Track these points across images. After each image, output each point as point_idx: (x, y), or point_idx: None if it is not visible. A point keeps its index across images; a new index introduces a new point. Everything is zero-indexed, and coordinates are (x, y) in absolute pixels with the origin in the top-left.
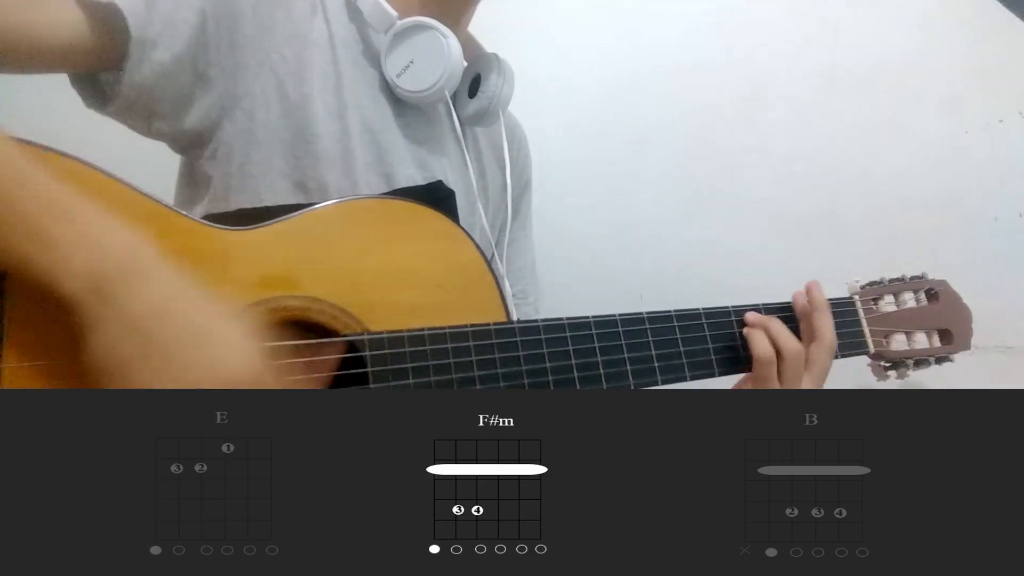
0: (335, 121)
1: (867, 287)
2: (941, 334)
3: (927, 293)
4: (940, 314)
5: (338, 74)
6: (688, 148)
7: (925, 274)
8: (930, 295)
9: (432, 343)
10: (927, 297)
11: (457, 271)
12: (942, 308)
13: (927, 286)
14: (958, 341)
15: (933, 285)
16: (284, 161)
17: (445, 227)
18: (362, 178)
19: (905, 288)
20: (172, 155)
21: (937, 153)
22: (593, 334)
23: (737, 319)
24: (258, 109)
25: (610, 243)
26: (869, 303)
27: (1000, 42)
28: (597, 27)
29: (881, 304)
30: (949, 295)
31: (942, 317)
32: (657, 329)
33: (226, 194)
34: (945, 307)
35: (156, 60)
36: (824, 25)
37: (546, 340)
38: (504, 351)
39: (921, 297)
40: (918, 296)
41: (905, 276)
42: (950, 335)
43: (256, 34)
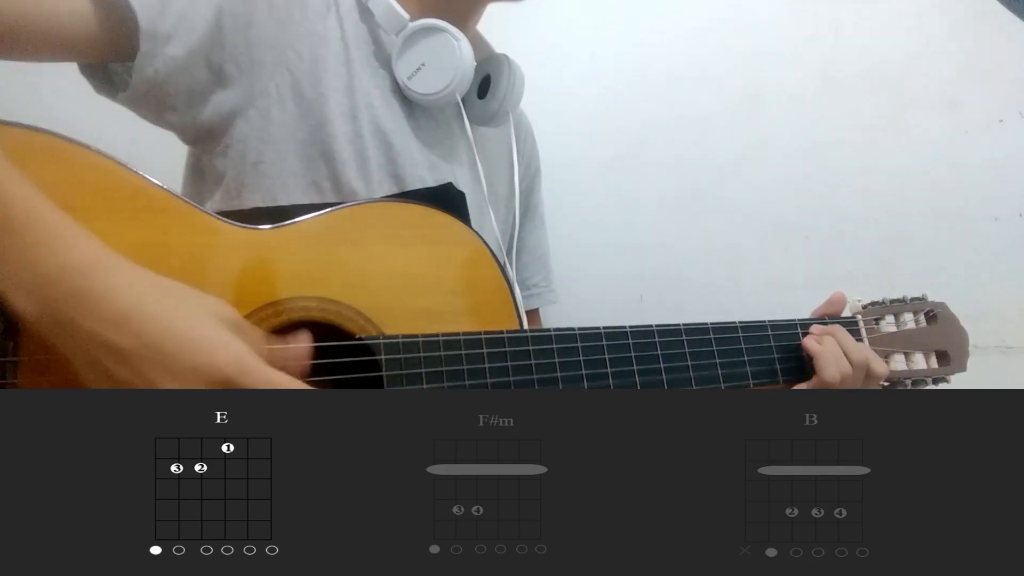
0: (348, 122)
1: (869, 307)
2: (939, 355)
3: (926, 315)
4: (938, 336)
5: (351, 75)
6: (688, 148)
7: (925, 296)
8: (929, 317)
9: (446, 349)
10: (926, 319)
11: (471, 277)
12: (940, 330)
13: (927, 308)
14: (955, 362)
15: (932, 307)
16: (299, 161)
17: (461, 233)
18: (375, 179)
19: (906, 309)
20: (175, 147)
21: (937, 153)
22: (604, 345)
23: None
24: (273, 107)
25: (610, 244)
26: (871, 323)
27: (1000, 42)
28: (597, 27)
29: (882, 324)
30: (947, 317)
31: (940, 339)
32: (666, 342)
33: (240, 192)
34: (943, 329)
35: (169, 54)
36: (824, 25)
37: (558, 350)
38: (516, 359)
39: (920, 319)
40: (917, 317)
41: (906, 297)
42: (947, 356)
43: (272, 31)
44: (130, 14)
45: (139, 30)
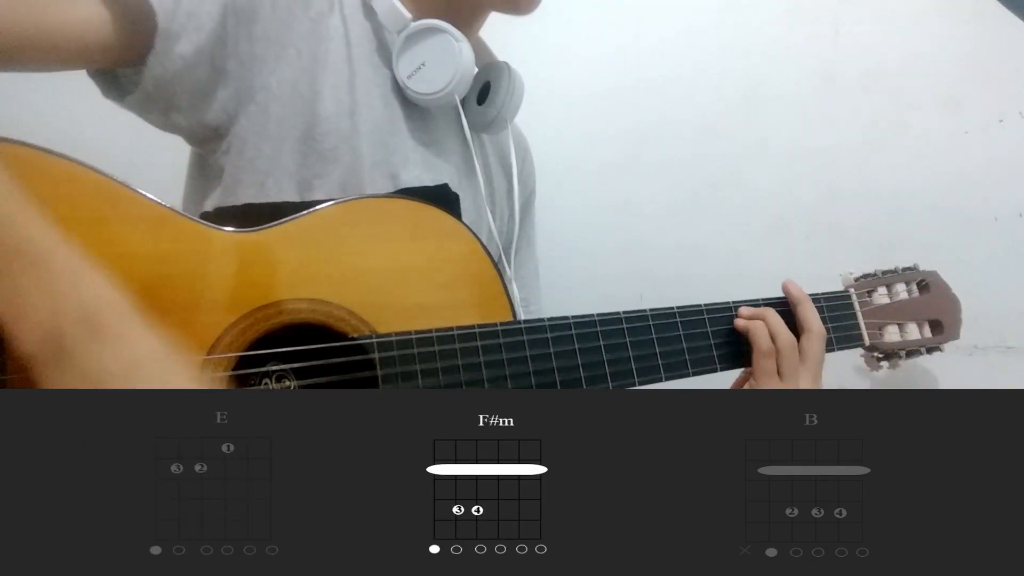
0: (346, 119)
1: (861, 279)
2: (932, 324)
3: (918, 284)
4: (931, 305)
5: (352, 72)
6: (687, 148)
7: (916, 265)
8: (921, 286)
9: (440, 344)
10: (918, 288)
11: (463, 270)
12: (933, 299)
13: (919, 277)
14: (948, 331)
15: (924, 276)
16: (291, 157)
17: (450, 226)
18: (368, 178)
19: (897, 280)
20: (179, 150)
21: (937, 153)
22: (598, 332)
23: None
24: (272, 103)
25: (610, 243)
26: (864, 296)
27: (1000, 42)
28: (596, 27)
29: (875, 296)
30: (939, 286)
31: (933, 308)
32: (660, 326)
33: (235, 187)
34: (936, 298)
35: (178, 53)
36: (824, 25)
37: (552, 339)
38: (511, 351)
39: (913, 288)
40: (910, 287)
41: (897, 267)
42: (941, 325)
43: (274, 28)
44: (149, 14)
45: (157, 30)
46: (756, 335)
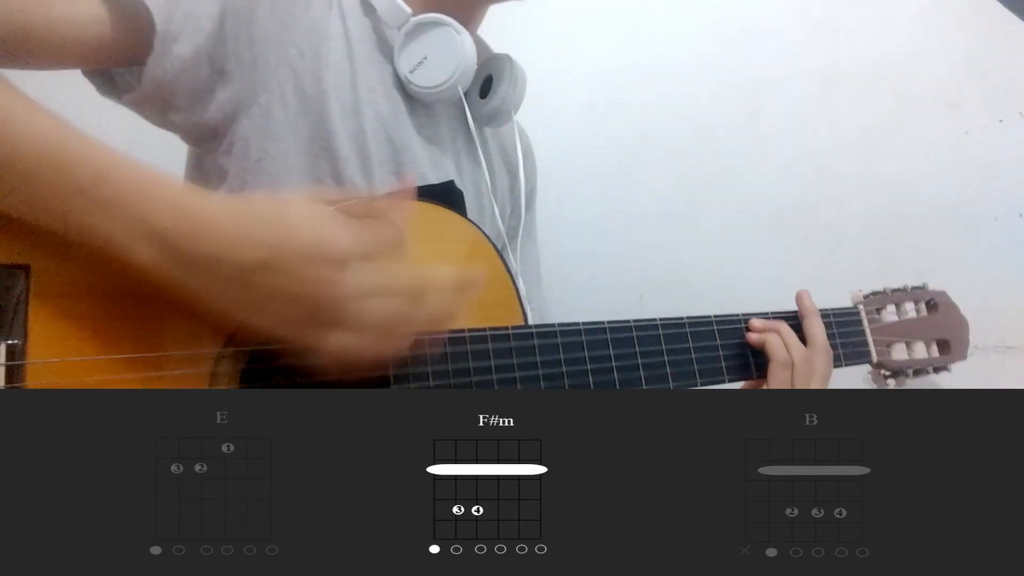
0: (350, 118)
1: (870, 297)
2: (940, 344)
3: (927, 304)
4: (939, 324)
5: (353, 70)
6: (688, 148)
7: (926, 284)
8: (930, 305)
9: (452, 346)
10: (927, 307)
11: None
12: (941, 318)
13: (928, 296)
14: (955, 351)
15: (933, 296)
16: (300, 158)
17: (462, 227)
18: (376, 175)
19: (906, 298)
20: (179, 150)
21: (937, 153)
22: (608, 339)
23: (747, 327)
24: (275, 104)
25: (609, 244)
26: (872, 313)
27: (1000, 42)
28: (596, 27)
29: (884, 314)
30: (948, 306)
31: (941, 327)
32: (670, 336)
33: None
34: (944, 317)
35: (176, 54)
36: (824, 25)
37: (563, 345)
38: (522, 355)
39: (921, 307)
40: (918, 306)
41: (907, 286)
42: (948, 345)
43: (274, 29)
44: (147, 16)
45: (155, 32)
46: (773, 346)
